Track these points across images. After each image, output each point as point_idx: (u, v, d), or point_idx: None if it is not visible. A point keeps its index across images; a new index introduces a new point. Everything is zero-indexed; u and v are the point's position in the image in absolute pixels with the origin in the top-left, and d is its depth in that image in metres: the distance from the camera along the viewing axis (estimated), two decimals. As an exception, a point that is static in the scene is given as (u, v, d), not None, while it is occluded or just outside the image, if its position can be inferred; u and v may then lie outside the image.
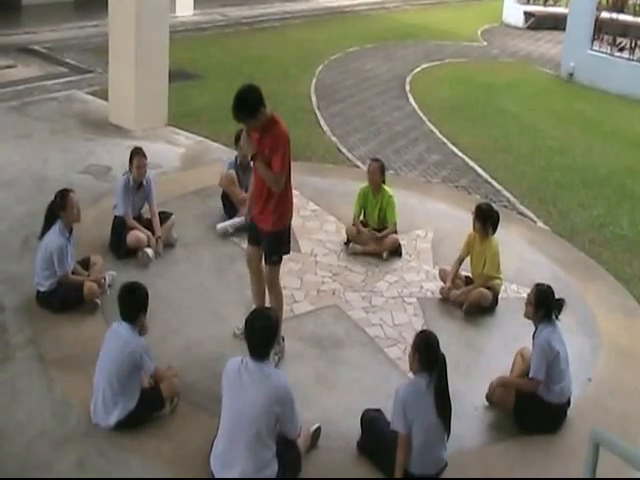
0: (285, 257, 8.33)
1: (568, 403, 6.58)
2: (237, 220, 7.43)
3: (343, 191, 10.53)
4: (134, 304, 6.07)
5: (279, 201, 6.82)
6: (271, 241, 6.93)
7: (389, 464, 5.68)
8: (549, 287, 6.61)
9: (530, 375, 6.45)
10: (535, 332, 6.54)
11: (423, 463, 5.66)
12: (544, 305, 6.48)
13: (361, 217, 9.44)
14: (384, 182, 9.36)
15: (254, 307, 7.05)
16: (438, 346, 5.68)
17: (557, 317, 6.54)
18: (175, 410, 6.27)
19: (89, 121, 12.85)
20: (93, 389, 6.04)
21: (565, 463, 6.12)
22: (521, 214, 10.92)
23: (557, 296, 6.59)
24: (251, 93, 6.47)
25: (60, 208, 7.45)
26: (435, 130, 14.49)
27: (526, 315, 6.63)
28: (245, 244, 8.79)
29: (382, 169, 9.35)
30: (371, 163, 9.47)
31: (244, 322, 5.48)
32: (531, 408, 6.45)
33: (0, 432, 5.93)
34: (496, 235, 8.27)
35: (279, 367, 6.82)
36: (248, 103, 6.43)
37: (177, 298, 7.93)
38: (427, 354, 5.64)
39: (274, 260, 6.98)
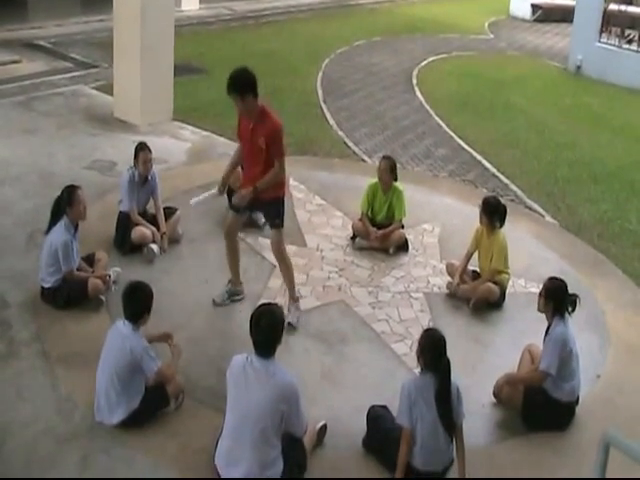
0: (291, 251, 8.33)
1: (577, 401, 6.51)
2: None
3: (350, 186, 10.49)
4: (138, 304, 6.00)
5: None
6: (273, 207, 7.41)
7: (394, 461, 5.63)
8: (562, 281, 6.54)
9: (541, 367, 6.35)
10: (549, 328, 6.47)
11: (428, 459, 5.61)
12: (554, 298, 6.40)
13: (368, 213, 9.34)
14: (396, 180, 9.25)
15: (260, 303, 7.06)
16: (444, 346, 5.61)
17: (570, 313, 6.47)
18: (180, 407, 6.24)
19: (95, 116, 12.82)
20: (95, 388, 6.01)
21: (573, 461, 6.06)
22: (529, 208, 10.86)
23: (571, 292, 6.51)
24: (247, 73, 6.95)
25: (67, 204, 7.39)
26: (442, 124, 14.42)
27: (538, 308, 6.56)
28: (250, 239, 8.80)
29: (393, 167, 9.19)
30: (382, 161, 9.32)
31: (249, 319, 5.42)
32: (540, 406, 6.37)
33: (4, 429, 5.90)
34: (504, 229, 8.21)
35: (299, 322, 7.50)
36: (242, 78, 6.90)
37: (182, 294, 7.89)
38: (431, 355, 5.58)
39: (277, 223, 7.45)
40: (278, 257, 7.64)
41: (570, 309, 6.46)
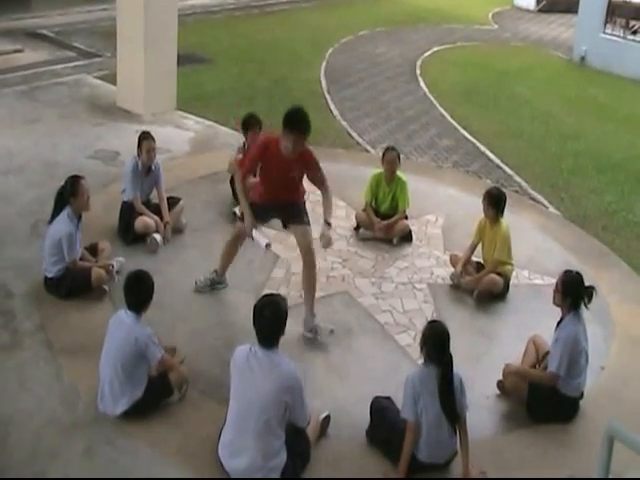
0: (294, 242, 8.29)
1: (581, 395, 6.49)
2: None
3: (354, 176, 10.45)
4: (140, 294, 5.99)
5: None
6: (300, 208, 7.45)
7: (398, 453, 5.62)
8: (578, 274, 6.49)
9: (551, 369, 6.33)
10: (560, 322, 6.44)
11: (432, 451, 5.62)
12: (571, 292, 6.35)
13: (372, 203, 9.32)
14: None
15: (265, 293, 7.02)
16: (448, 339, 5.60)
17: (587, 306, 6.43)
18: (184, 397, 6.23)
19: (98, 106, 12.78)
20: (99, 378, 6.00)
21: (578, 453, 6.05)
22: (533, 200, 10.83)
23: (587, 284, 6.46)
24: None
25: (70, 195, 7.36)
26: (446, 114, 14.39)
27: (554, 301, 6.50)
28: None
29: (397, 158, 9.21)
30: (387, 152, 9.28)
31: (253, 309, 5.41)
32: (545, 399, 6.35)
33: (8, 419, 5.89)
34: (507, 220, 8.18)
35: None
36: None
37: (185, 284, 7.87)
38: (434, 347, 5.57)
39: (307, 220, 7.43)
40: (311, 258, 7.29)
41: (587, 301, 6.42)
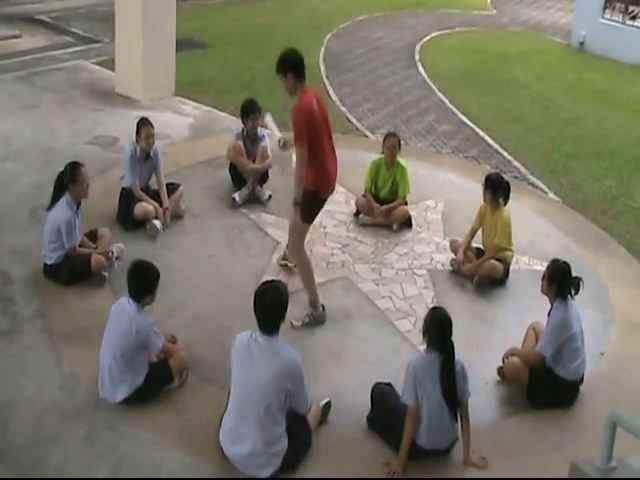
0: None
1: (581, 379, 6.51)
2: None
3: (353, 162, 10.39)
4: (143, 284, 5.96)
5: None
6: None
7: (399, 439, 5.63)
8: (565, 263, 6.49)
9: (537, 349, 6.39)
10: (550, 310, 6.45)
11: (432, 437, 5.62)
12: (558, 281, 6.37)
13: (372, 189, 9.30)
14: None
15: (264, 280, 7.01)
16: (450, 326, 5.60)
17: (572, 296, 6.43)
18: (184, 383, 6.23)
19: (96, 91, 12.75)
20: (99, 366, 5.99)
21: (577, 438, 6.05)
22: (532, 185, 10.83)
23: (574, 274, 6.45)
24: (289, 54, 7.21)
25: (70, 181, 7.34)
26: (445, 100, 14.38)
27: (541, 290, 6.53)
28: (253, 214, 8.77)
29: (399, 144, 9.19)
30: (388, 138, 9.24)
31: (253, 295, 5.40)
32: (545, 384, 6.37)
33: (9, 405, 5.90)
34: (507, 206, 8.17)
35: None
36: (281, 59, 7.08)
37: (185, 270, 7.87)
38: (437, 334, 5.57)
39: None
40: None
41: (573, 292, 6.42)
